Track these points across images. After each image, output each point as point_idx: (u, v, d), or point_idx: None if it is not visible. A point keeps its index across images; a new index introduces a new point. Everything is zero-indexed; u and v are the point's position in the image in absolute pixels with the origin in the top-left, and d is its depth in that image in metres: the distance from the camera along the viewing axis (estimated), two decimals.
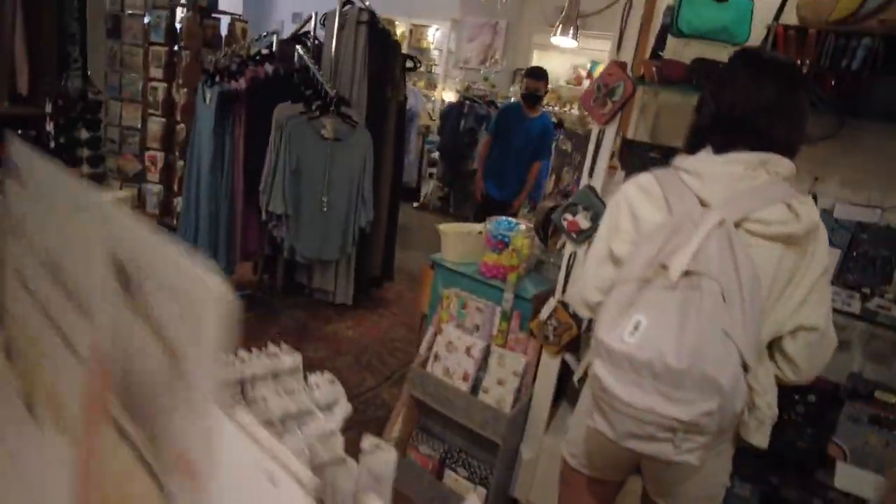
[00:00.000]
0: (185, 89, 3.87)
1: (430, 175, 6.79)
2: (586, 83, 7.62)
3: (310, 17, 3.48)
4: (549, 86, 7.38)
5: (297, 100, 3.14)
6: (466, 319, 2.17)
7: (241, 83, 3.11)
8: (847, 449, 1.62)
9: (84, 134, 1.97)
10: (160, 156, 4.19)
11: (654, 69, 1.80)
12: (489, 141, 4.24)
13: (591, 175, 1.80)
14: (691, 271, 1.11)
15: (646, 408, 1.08)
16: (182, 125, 3.94)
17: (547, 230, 2.09)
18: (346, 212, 3.26)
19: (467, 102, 4.94)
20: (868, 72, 1.62)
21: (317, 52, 3.47)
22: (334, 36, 3.31)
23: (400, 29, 9.35)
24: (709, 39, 1.80)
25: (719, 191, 1.20)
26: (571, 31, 2.96)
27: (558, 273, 2.21)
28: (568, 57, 7.72)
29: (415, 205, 6.42)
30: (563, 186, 3.05)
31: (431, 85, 8.20)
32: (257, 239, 3.41)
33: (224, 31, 4.20)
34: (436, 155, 6.28)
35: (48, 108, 1.87)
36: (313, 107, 3.10)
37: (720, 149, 1.23)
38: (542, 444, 2.08)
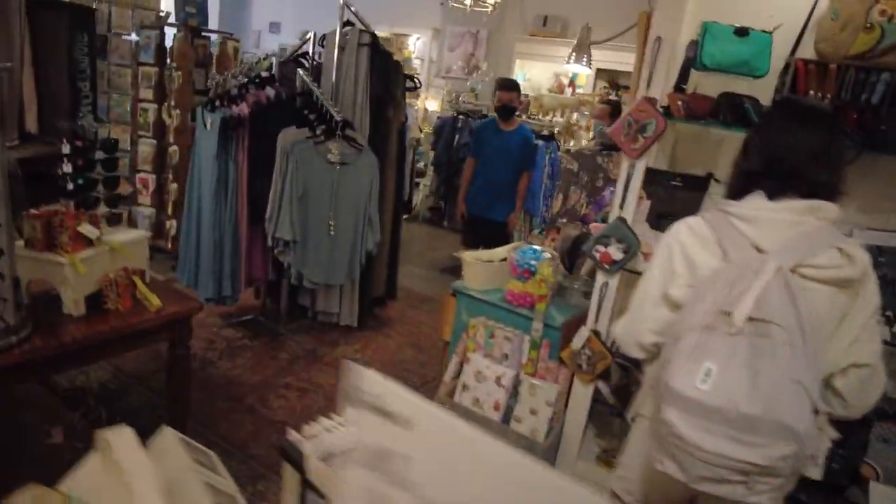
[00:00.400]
0: (178, 111, 3.79)
1: (416, 185, 6.79)
2: (568, 91, 7.71)
3: (308, 38, 3.45)
4: (532, 94, 7.49)
5: (301, 124, 3.11)
6: (494, 348, 2.18)
7: (244, 108, 3.07)
8: (880, 469, 1.68)
9: (101, 174, 1.92)
10: (151, 178, 4.10)
11: (679, 103, 1.84)
12: (473, 163, 4.11)
13: (621, 207, 1.83)
14: (755, 318, 1.15)
15: (718, 452, 1.12)
16: (175, 147, 3.87)
17: (574, 258, 2.11)
18: (353, 235, 3.24)
19: (461, 117, 4.95)
20: (887, 107, 1.69)
21: (315, 73, 3.45)
22: (335, 58, 3.29)
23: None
24: (731, 73, 1.86)
25: (774, 237, 1.23)
26: (585, 59, 2.99)
27: (581, 299, 2.25)
28: (550, 65, 7.80)
29: (405, 216, 6.40)
30: (570, 206, 3.09)
31: (413, 94, 8.20)
32: (262, 265, 3.37)
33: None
34: (421, 165, 6.29)
35: (65, 148, 1.81)
36: (318, 131, 3.07)
37: (772, 195, 1.27)
38: (575, 470, 2.10)
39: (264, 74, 3.25)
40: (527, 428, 2.05)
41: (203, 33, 3.96)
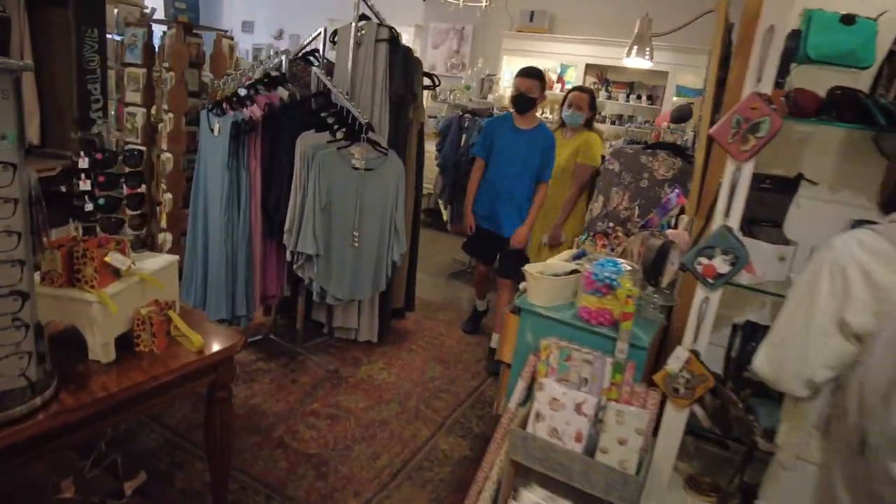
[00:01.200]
0: (172, 115, 3.46)
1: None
2: (557, 87, 7.57)
3: (318, 33, 3.17)
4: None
5: (319, 128, 2.85)
6: (570, 372, 1.97)
7: (255, 111, 2.78)
8: None
9: (124, 191, 1.63)
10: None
11: (783, 99, 1.66)
12: (482, 165, 3.36)
13: (727, 215, 1.64)
14: None
15: None
16: (169, 154, 3.54)
17: (659, 270, 1.92)
18: (379, 246, 2.99)
19: (467, 116, 4.73)
20: None
21: (326, 71, 3.18)
22: (350, 55, 3.03)
23: None
24: (836, 65, 1.69)
25: None
26: (647, 52, 2.79)
27: (657, 314, 2.06)
28: (537, 61, 7.62)
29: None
30: (611, 208, 2.91)
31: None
32: (276, 280, 3.08)
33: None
34: None
35: (83, 162, 1.52)
36: (340, 135, 2.81)
37: None
38: (663, 499, 1.92)
39: (274, 73, 2.96)
40: (615, 459, 1.85)
41: (195, 31, 3.62)
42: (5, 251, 1.14)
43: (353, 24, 3.01)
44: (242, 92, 2.83)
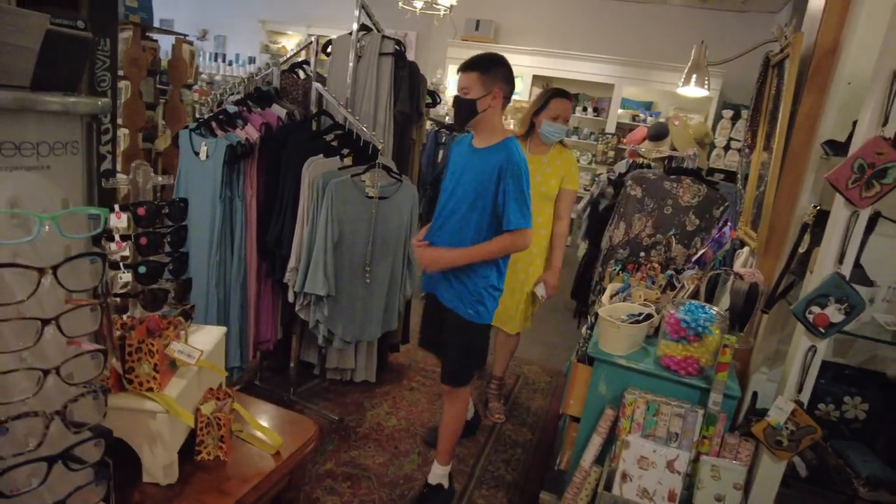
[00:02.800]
0: (128, 131, 2.98)
1: None
2: None
3: (309, 42, 2.84)
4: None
5: (326, 151, 2.52)
6: (658, 427, 1.82)
7: (251, 132, 2.42)
8: None
9: (166, 255, 1.29)
10: None
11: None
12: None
13: (840, 262, 1.56)
14: None
15: None
16: (124, 176, 3.03)
17: (748, 316, 1.82)
18: (391, 281, 2.71)
19: (444, 131, 4.50)
20: None
21: None
22: (350, 69, 2.72)
23: (295, 39, 8.52)
24: None
25: None
26: (706, 83, 2.69)
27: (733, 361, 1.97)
28: None
29: None
30: (633, 235, 2.82)
31: None
32: (271, 324, 2.72)
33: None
34: None
35: (119, 221, 1.17)
36: (351, 161, 2.51)
37: None
38: None
39: (265, 88, 2.60)
40: None
41: (148, 34, 3.15)
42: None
43: (354, 36, 2.71)
44: (232, 109, 2.45)
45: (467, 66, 2.05)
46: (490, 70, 2.03)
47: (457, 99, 2.09)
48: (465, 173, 2.12)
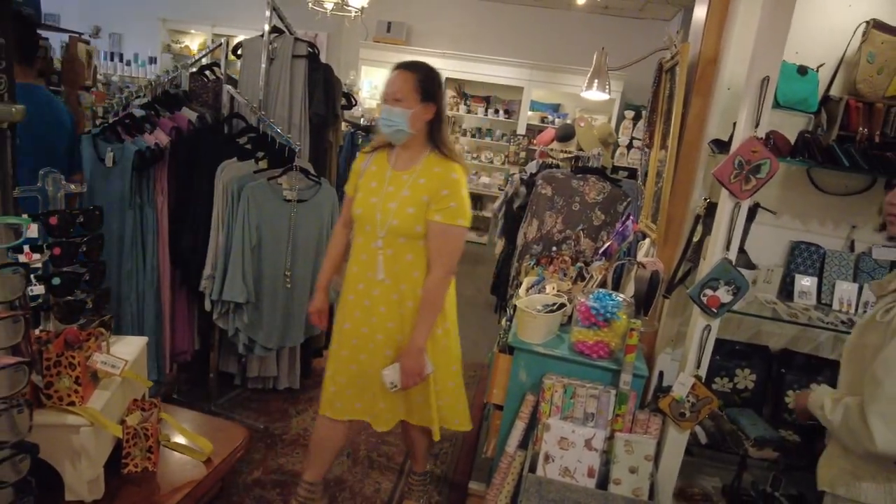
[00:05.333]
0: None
1: None
2: None
3: (219, 45, 2.76)
4: (378, 103, 7.07)
5: (240, 155, 2.48)
6: (575, 408, 1.96)
7: (160, 136, 2.33)
8: None
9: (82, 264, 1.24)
10: None
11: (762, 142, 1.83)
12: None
13: (727, 248, 1.76)
14: None
15: None
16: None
17: (651, 301, 1.99)
18: (311, 285, 2.69)
19: (360, 133, 4.47)
20: None
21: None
22: (262, 71, 2.68)
23: (199, 39, 8.15)
24: (794, 109, 1.91)
25: None
26: (606, 87, 2.86)
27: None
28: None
29: None
30: (545, 231, 2.98)
31: None
32: (188, 335, 2.62)
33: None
34: None
35: (29, 230, 1.12)
36: (262, 163, 2.48)
37: None
38: None
39: (173, 91, 2.51)
40: (628, 489, 1.88)
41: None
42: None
43: (266, 38, 2.67)
44: (139, 113, 2.35)
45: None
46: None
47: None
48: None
